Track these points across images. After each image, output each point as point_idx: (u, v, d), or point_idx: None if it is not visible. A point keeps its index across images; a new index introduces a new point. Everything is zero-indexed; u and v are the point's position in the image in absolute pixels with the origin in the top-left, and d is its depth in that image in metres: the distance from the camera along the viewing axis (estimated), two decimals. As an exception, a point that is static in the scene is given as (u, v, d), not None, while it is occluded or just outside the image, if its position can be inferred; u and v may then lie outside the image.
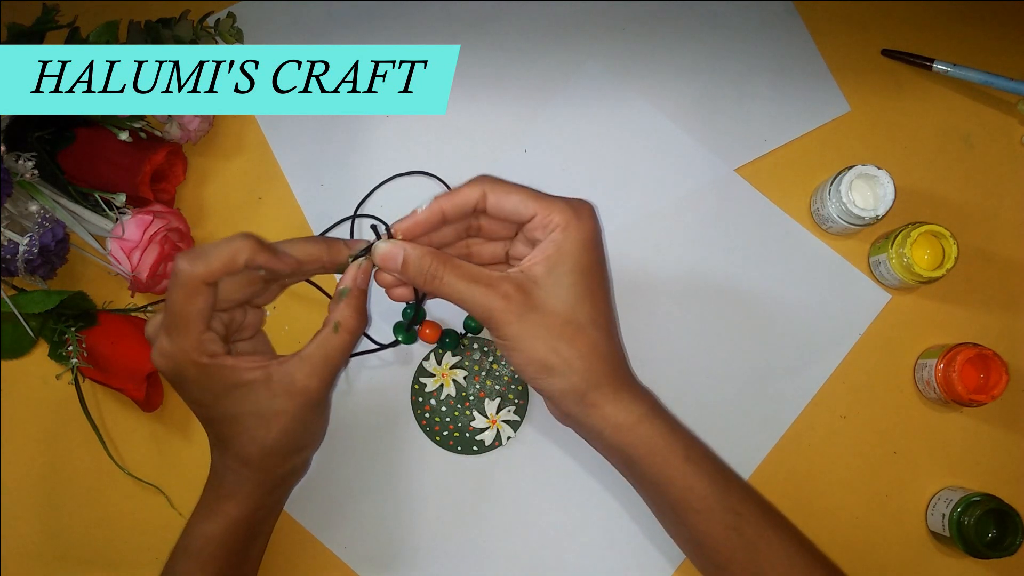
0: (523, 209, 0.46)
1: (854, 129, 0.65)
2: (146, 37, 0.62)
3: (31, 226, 0.57)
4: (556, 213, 0.45)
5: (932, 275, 0.58)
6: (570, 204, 0.46)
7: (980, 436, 0.61)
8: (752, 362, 0.62)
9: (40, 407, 0.62)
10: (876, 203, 0.59)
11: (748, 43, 0.66)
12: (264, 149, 0.65)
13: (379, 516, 0.60)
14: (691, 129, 0.65)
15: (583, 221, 0.45)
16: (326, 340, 0.47)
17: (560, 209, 0.45)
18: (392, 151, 0.65)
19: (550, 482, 0.60)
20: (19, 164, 0.57)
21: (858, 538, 0.60)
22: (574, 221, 0.45)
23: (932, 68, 0.65)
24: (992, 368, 0.57)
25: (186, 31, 0.63)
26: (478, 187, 0.46)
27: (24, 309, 0.57)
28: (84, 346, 0.58)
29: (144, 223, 0.58)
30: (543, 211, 0.45)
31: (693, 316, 0.62)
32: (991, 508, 0.56)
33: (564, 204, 0.46)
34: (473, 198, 0.46)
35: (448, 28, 0.67)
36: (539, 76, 0.66)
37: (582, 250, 0.45)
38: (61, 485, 0.61)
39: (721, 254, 0.63)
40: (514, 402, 0.61)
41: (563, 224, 0.45)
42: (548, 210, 0.45)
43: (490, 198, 0.46)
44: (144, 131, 0.61)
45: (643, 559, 0.59)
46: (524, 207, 0.46)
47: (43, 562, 0.60)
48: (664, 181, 0.64)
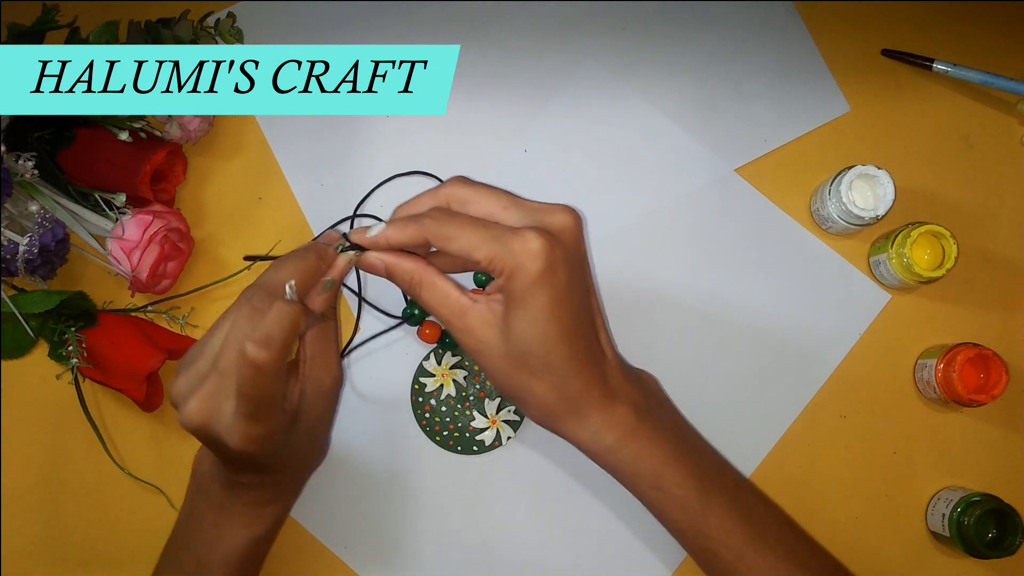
0: (470, 255, 0.43)
1: (854, 129, 0.65)
2: (146, 37, 0.62)
3: (31, 226, 0.57)
4: (503, 258, 0.42)
5: (932, 275, 0.58)
6: (521, 243, 0.42)
7: (980, 436, 0.61)
8: (752, 362, 0.62)
9: (40, 407, 0.62)
10: (876, 203, 0.59)
11: (748, 43, 0.66)
12: (264, 149, 0.65)
13: (379, 516, 0.60)
14: (691, 129, 0.65)
15: (534, 262, 0.42)
16: (321, 331, 0.47)
17: (509, 253, 0.42)
18: (392, 151, 0.65)
19: (550, 482, 0.60)
20: (19, 164, 0.57)
21: (858, 538, 0.60)
22: (522, 268, 0.42)
23: (932, 68, 0.65)
24: (992, 368, 0.57)
25: (186, 31, 0.63)
26: (423, 228, 0.44)
27: (24, 309, 0.57)
28: (84, 346, 0.58)
29: (144, 223, 0.58)
30: (488, 258, 0.43)
31: (693, 316, 0.62)
32: (991, 508, 0.56)
33: (514, 246, 0.42)
34: (419, 238, 0.44)
35: (448, 28, 0.67)
36: (539, 76, 0.66)
37: (532, 294, 0.42)
38: (61, 485, 0.61)
39: (721, 254, 0.63)
40: (514, 402, 0.61)
41: (508, 272, 0.42)
42: (493, 255, 0.42)
43: (435, 243, 0.44)
44: (144, 131, 0.61)
45: (643, 559, 0.59)
46: (471, 253, 0.43)
47: (43, 562, 0.60)
48: (664, 181, 0.64)
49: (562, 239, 0.43)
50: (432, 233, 0.44)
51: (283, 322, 0.42)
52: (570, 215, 0.44)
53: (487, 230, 0.43)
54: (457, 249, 0.43)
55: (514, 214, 0.44)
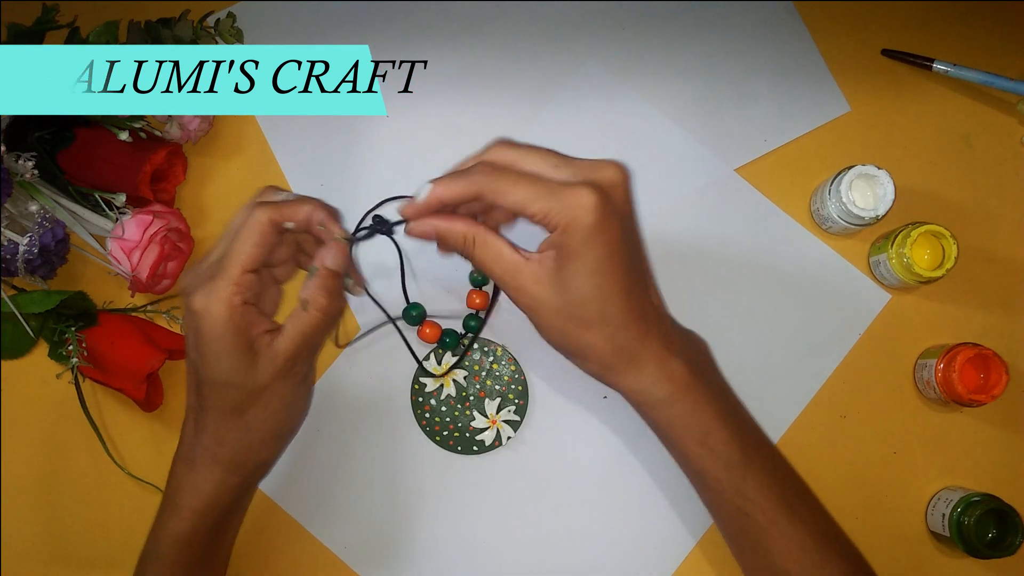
0: (524, 209, 0.44)
1: (854, 129, 0.65)
2: (146, 37, 0.62)
3: (31, 226, 0.57)
4: (557, 212, 0.43)
5: (932, 275, 0.58)
6: (575, 198, 0.43)
7: (980, 436, 0.61)
8: (752, 362, 0.62)
9: (40, 407, 0.62)
10: (876, 203, 0.59)
11: (748, 43, 0.66)
12: (264, 149, 0.65)
13: (379, 516, 0.60)
14: (691, 129, 0.65)
15: (588, 216, 0.43)
16: (296, 316, 0.47)
17: (563, 208, 0.43)
18: (392, 151, 0.65)
19: (550, 482, 0.60)
20: (19, 164, 0.57)
21: (858, 538, 0.60)
22: (577, 221, 0.43)
23: (932, 68, 0.65)
24: (992, 368, 0.57)
25: (186, 31, 0.63)
26: (475, 182, 0.45)
27: (24, 309, 0.57)
28: (84, 346, 0.58)
29: (144, 223, 0.58)
30: (543, 212, 0.44)
31: (692, 316, 0.62)
32: (991, 508, 0.56)
33: (568, 200, 0.43)
34: (470, 192, 0.45)
35: (448, 28, 0.67)
36: (539, 76, 0.66)
37: (588, 247, 0.44)
38: (61, 485, 0.61)
39: (721, 254, 0.63)
40: (514, 402, 0.61)
41: (562, 226, 0.44)
42: (548, 210, 0.44)
43: (487, 196, 0.45)
44: (144, 131, 0.61)
45: (643, 560, 0.59)
46: (525, 207, 0.44)
47: (43, 562, 0.60)
48: (664, 181, 0.64)
49: (613, 194, 0.44)
50: (485, 187, 0.44)
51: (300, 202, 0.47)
52: (620, 170, 0.45)
53: (542, 184, 0.44)
54: (512, 203, 0.44)
55: (564, 171, 0.45)
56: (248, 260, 0.45)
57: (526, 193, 0.44)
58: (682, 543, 0.59)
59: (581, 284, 0.44)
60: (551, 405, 0.61)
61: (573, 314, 0.45)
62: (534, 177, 0.44)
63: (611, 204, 0.44)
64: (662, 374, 0.47)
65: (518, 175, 0.45)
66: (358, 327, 0.62)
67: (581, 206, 0.43)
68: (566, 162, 0.45)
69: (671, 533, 0.59)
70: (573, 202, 0.43)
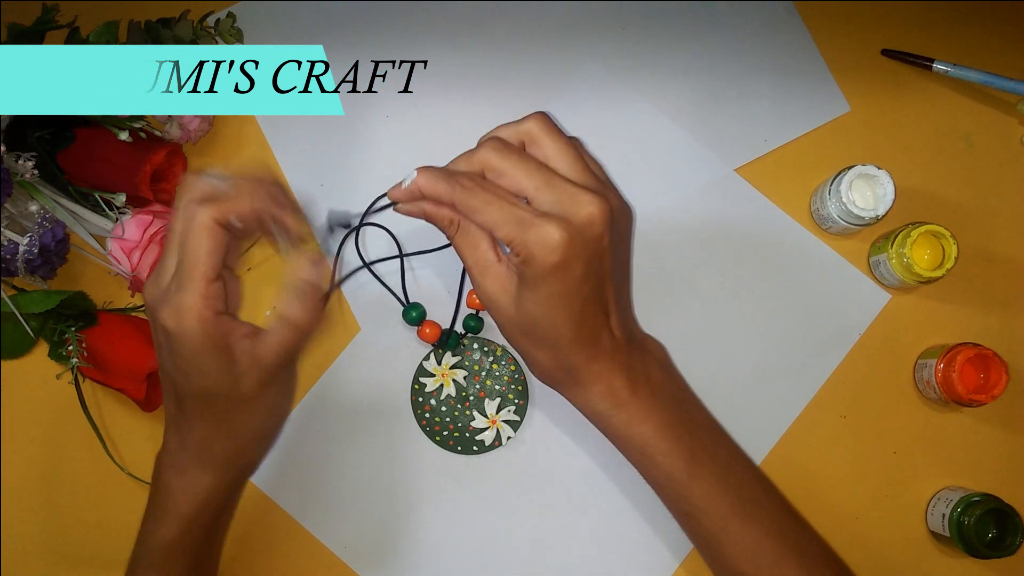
0: (492, 231, 0.44)
1: (854, 129, 0.65)
2: (146, 37, 0.62)
3: (31, 226, 0.57)
4: (522, 243, 0.42)
5: (932, 275, 0.58)
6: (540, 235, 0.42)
7: (980, 436, 0.61)
8: (752, 362, 0.62)
9: (40, 407, 0.62)
10: (876, 203, 0.59)
11: (748, 43, 0.66)
12: (264, 149, 0.65)
13: (379, 516, 0.60)
14: (691, 129, 0.65)
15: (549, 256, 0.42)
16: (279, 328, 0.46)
17: (526, 242, 0.42)
18: (392, 151, 0.65)
19: (550, 482, 0.60)
20: (19, 164, 0.57)
21: (858, 538, 0.60)
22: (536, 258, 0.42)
23: (932, 68, 0.65)
24: (992, 368, 0.57)
25: (186, 31, 0.63)
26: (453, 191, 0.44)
27: (24, 309, 0.57)
28: (84, 346, 0.58)
29: (144, 223, 0.58)
30: (509, 238, 0.43)
31: (692, 316, 0.62)
32: (991, 508, 0.56)
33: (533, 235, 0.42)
34: (447, 198, 0.44)
35: (448, 28, 0.67)
36: (539, 76, 0.66)
37: (544, 283, 0.43)
38: (61, 485, 0.61)
39: (721, 254, 0.63)
40: (514, 402, 0.61)
41: (524, 257, 0.43)
42: (514, 238, 0.43)
43: (460, 209, 0.44)
44: (144, 131, 0.61)
45: (643, 559, 0.59)
46: (493, 229, 0.43)
47: (43, 562, 0.60)
48: (664, 181, 0.64)
49: (585, 233, 0.43)
50: (459, 201, 0.44)
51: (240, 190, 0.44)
52: (598, 207, 0.43)
53: (512, 212, 0.43)
54: (480, 222, 0.44)
55: (545, 196, 0.43)
56: (208, 269, 0.43)
57: (497, 217, 0.43)
58: (682, 543, 0.59)
59: (532, 310, 0.44)
60: (551, 405, 0.61)
61: (524, 330, 0.46)
62: (509, 201, 0.43)
63: (578, 245, 0.42)
64: (605, 391, 0.48)
65: (493, 196, 0.43)
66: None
67: (545, 244, 0.42)
68: (550, 185, 0.44)
69: (671, 533, 0.59)
70: (538, 238, 0.42)
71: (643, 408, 0.48)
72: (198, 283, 0.43)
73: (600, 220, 0.43)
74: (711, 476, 0.48)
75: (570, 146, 0.46)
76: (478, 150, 0.45)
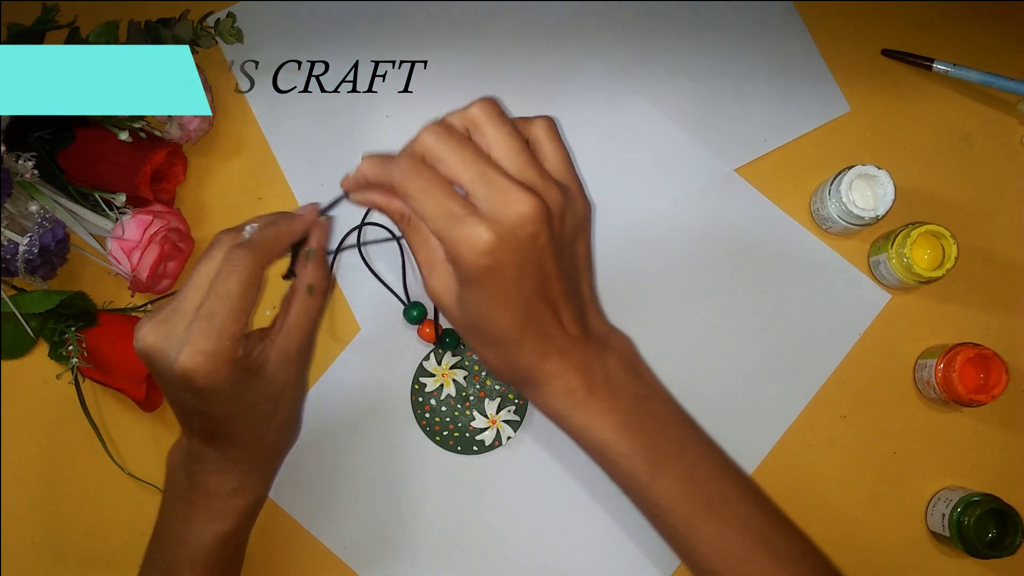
0: (424, 221, 0.42)
1: (854, 129, 0.65)
2: (146, 37, 0.62)
3: (31, 226, 0.57)
4: (449, 244, 0.41)
5: (932, 275, 0.58)
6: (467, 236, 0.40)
7: (980, 436, 0.61)
8: (752, 362, 0.62)
9: (40, 407, 0.62)
10: (876, 203, 0.59)
11: (748, 43, 0.66)
12: (264, 149, 0.65)
13: (379, 516, 0.60)
14: (691, 129, 0.65)
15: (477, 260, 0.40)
16: (304, 305, 0.46)
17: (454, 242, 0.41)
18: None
19: (550, 482, 0.60)
20: (19, 164, 0.57)
21: (858, 538, 0.60)
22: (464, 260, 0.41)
23: (932, 68, 0.65)
24: (992, 368, 0.57)
25: (186, 31, 0.63)
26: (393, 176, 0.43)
27: (24, 309, 0.57)
28: (84, 346, 0.58)
29: (144, 223, 0.58)
30: (439, 233, 0.41)
31: (693, 316, 0.62)
32: (991, 508, 0.56)
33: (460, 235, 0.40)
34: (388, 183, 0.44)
35: (448, 28, 0.67)
36: (539, 76, 0.66)
37: (476, 285, 0.42)
38: (61, 485, 0.61)
39: (721, 254, 0.63)
40: (514, 402, 0.61)
41: (452, 257, 0.42)
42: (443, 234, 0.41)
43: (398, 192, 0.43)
44: (144, 131, 0.61)
45: (644, 558, 0.59)
46: (424, 220, 0.42)
47: (43, 562, 0.60)
48: (664, 181, 0.64)
49: (517, 233, 0.41)
50: (396, 183, 0.43)
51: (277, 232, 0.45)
52: (529, 207, 0.41)
53: (444, 205, 0.41)
54: (414, 210, 0.42)
55: (479, 189, 0.41)
56: (244, 315, 0.43)
57: (430, 208, 0.41)
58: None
59: (471, 311, 0.43)
60: (551, 405, 0.61)
61: (469, 330, 0.44)
62: (444, 192, 0.42)
63: (508, 246, 0.40)
64: (561, 390, 0.45)
65: (430, 183, 0.42)
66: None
67: (471, 246, 0.40)
68: (484, 179, 0.41)
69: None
70: (465, 238, 0.40)
71: (602, 408, 0.46)
72: (232, 327, 0.43)
73: (533, 220, 0.41)
74: (676, 475, 0.47)
75: (514, 135, 0.43)
76: (419, 134, 0.44)
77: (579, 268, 0.46)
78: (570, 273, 0.45)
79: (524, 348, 0.44)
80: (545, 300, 0.44)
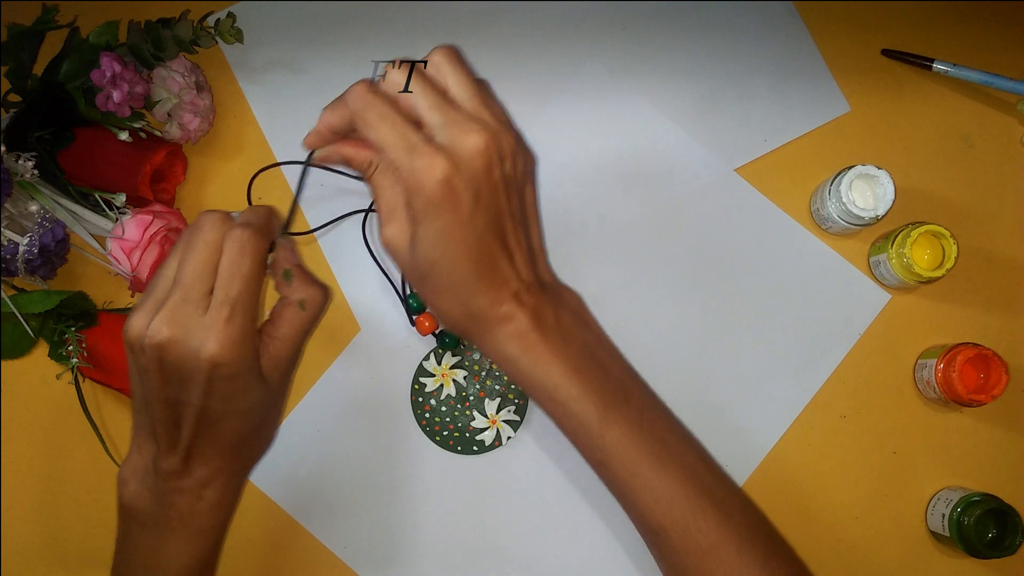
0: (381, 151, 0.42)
1: (854, 129, 0.65)
2: (146, 37, 0.62)
3: (31, 226, 0.57)
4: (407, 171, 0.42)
5: (932, 275, 0.58)
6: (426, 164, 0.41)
7: (980, 436, 0.61)
8: (752, 362, 0.62)
9: (40, 407, 0.62)
10: (876, 203, 0.59)
11: (748, 43, 0.66)
12: (264, 149, 0.65)
13: (379, 516, 0.60)
14: (691, 129, 0.65)
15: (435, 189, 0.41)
16: (296, 317, 0.46)
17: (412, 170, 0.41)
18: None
19: (550, 482, 0.60)
20: (19, 164, 0.57)
21: (858, 538, 0.60)
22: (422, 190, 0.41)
23: (932, 68, 0.65)
24: (992, 368, 0.57)
25: (186, 31, 0.63)
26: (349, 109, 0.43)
27: (24, 309, 0.57)
28: (84, 346, 0.58)
29: (144, 223, 0.58)
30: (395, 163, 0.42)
31: (693, 316, 0.62)
32: (991, 508, 0.56)
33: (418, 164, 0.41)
34: (347, 119, 0.44)
35: (448, 28, 0.67)
36: (539, 76, 0.66)
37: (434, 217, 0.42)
38: (61, 485, 0.61)
39: (721, 254, 0.63)
40: (514, 402, 0.61)
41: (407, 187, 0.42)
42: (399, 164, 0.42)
43: (356, 125, 0.43)
44: (144, 131, 0.61)
45: (641, 560, 0.59)
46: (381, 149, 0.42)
47: (43, 562, 0.60)
48: (664, 181, 0.64)
49: (472, 163, 0.42)
50: (354, 112, 0.43)
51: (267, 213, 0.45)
52: (484, 138, 0.42)
53: (403, 133, 0.42)
54: (372, 139, 0.42)
55: (436, 119, 0.42)
56: (258, 293, 0.43)
57: (388, 136, 0.42)
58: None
59: (426, 250, 0.42)
60: (551, 405, 0.61)
61: (423, 274, 0.44)
62: (402, 123, 0.42)
63: (464, 174, 0.41)
64: (512, 333, 0.45)
65: (386, 111, 0.42)
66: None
67: (428, 175, 0.41)
68: (441, 107, 0.42)
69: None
70: (421, 167, 0.41)
71: (553, 352, 0.46)
72: (254, 310, 0.42)
73: (487, 151, 0.42)
74: (624, 421, 0.46)
75: (471, 80, 0.44)
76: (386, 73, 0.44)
77: (528, 215, 0.47)
78: (520, 218, 0.45)
79: (479, 289, 0.44)
80: (499, 238, 0.44)
